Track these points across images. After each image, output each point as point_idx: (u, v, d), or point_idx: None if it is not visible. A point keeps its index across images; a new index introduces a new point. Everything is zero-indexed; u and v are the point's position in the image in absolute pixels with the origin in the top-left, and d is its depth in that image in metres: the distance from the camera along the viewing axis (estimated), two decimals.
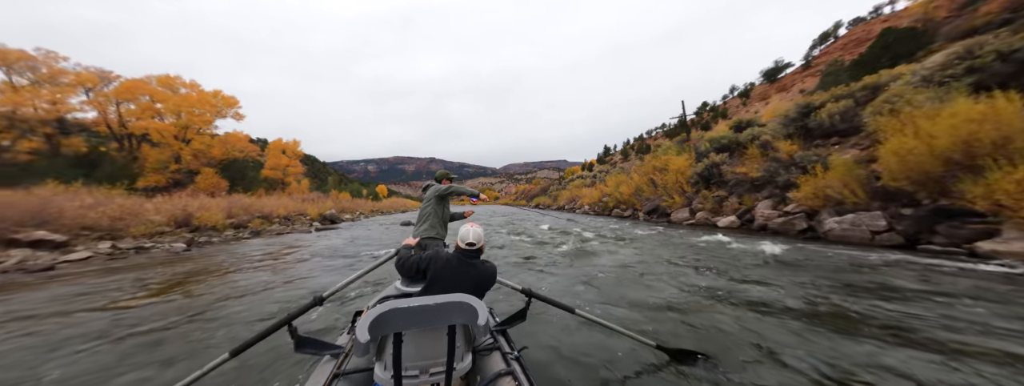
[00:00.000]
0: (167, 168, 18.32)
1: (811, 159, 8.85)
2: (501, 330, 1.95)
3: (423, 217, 3.40)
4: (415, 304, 1.33)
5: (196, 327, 3.32)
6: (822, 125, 9.81)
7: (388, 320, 1.29)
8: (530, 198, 71.18)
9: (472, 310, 1.35)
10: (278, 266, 6.51)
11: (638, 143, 56.96)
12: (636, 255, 6.58)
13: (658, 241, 8.38)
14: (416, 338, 1.43)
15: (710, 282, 4.39)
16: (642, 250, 7.18)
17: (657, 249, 7.14)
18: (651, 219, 15.20)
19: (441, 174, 3.69)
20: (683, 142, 18.25)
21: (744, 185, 11.17)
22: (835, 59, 22.01)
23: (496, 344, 1.73)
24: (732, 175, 11.76)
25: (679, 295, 3.91)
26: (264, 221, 13.69)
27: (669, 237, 8.78)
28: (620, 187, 19.52)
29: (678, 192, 13.90)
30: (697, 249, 6.97)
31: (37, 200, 8.17)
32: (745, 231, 9.63)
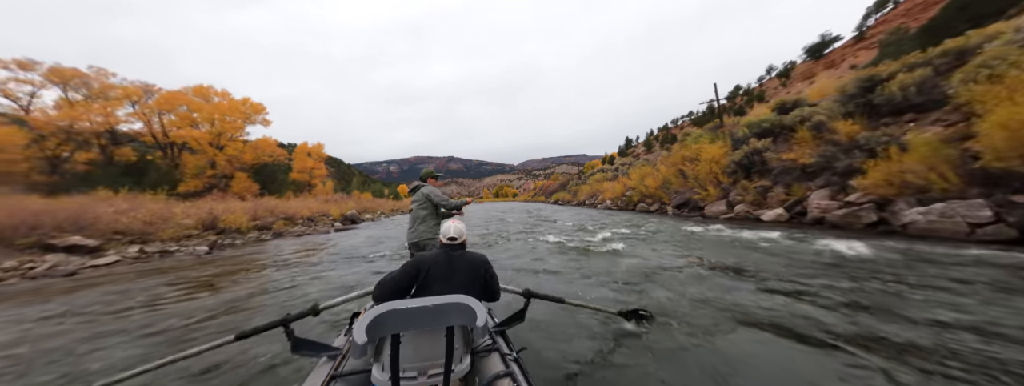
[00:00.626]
0: (203, 173, 19.35)
1: (880, 140, 7.53)
2: (500, 331, 1.92)
3: (420, 218, 3.34)
4: (413, 305, 1.32)
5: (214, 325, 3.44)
6: (892, 100, 8.36)
7: (386, 321, 1.28)
8: (549, 194, 70.07)
9: (471, 311, 1.34)
10: (290, 270, 6.29)
11: (663, 133, 53.62)
12: (681, 257, 5.67)
13: (700, 240, 7.39)
14: (414, 339, 1.41)
15: (827, 304, 3.13)
16: (685, 249, 6.29)
17: (706, 250, 6.11)
18: (681, 213, 14.03)
19: (426, 173, 3.60)
20: (716, 129, 16.73)
21: (792, 173, 9.87)
22: (897, 27, 19.12)
23: (495, 345, 1.70)
24: (777, 163, 10.46)
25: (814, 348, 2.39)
26: (287, 222, 13.94)
27: (715, 235, 7.76)
28: (645, 180, 18.32)
29: (712, 183, 12.67)
30: (754, 249, 5.87)
31: (75, 206, 8.55)
32: (796, 225, 8.44)
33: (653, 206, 17.19)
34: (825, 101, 10.27)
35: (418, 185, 3.48)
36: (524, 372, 1.53)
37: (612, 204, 23.10)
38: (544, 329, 2.85)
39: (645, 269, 4.89)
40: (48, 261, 6.60)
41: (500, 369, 1.52)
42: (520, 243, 8.40)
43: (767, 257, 5.17)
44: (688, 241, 7.27)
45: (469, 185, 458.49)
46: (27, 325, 3.70)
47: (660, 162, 19.19)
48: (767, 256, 5.24)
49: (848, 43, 29.12)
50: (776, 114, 12.49)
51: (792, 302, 3.26)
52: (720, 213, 11.63)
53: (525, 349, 1.82)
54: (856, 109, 9.29)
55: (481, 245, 8.46)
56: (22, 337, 3.34)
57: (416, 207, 3.37)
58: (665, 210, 15.71)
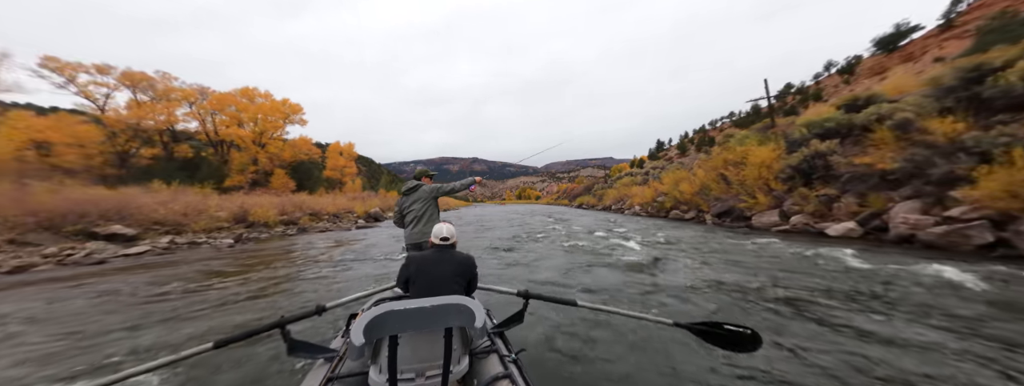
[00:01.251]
0: (247, 170, 20.73)
1: (998, 141, 6.02)
2: (499, 332, 1.91)
3: (422, 218, 3.22)
4: (411, 306, 1.31)
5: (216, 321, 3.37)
6: (1010, 92, 6.72)
7: (384, 322, 1.28)
8: (572, 197, 68.33)
9: (469, 312, 1.34)
10: (309, 268, 6.06)
11: (699, 135, 49.75)
12: (748, 276, 4.71)
13: (759, 256, 6.24)
14: (412, 341, 1.40)
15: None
16: (746, 268, 5.23)
17: (774, 271, 4.94)
18: (723, 223, 12.60)
19: (421, 172, 3.50)
20: (766, 129, 15.00)
21: (867, 181, 8.35)
22: (1002, 10, 15.80)
23: (494, 346, 1.69)
24: (847, 168, 8.94)
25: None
26: (313, 218, 14.22)
27: (775, 251, 6.53)
28: (680, 185, 16.86)
29: (762, 190, 11.21)
30: (843, 273, 4.58)
31: (121, 196, 9.05)
32: (874, 243, 7.03)
33: (688, 214, 15.74)
34: (911, 96, 8.62)
35: (416, 184, 3.35)
36: (523, 373, 1.51)
37: (641, 210, 21.65)
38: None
39: (708, 291, 4.03)
40: (86, 248, 6.90)
41: (499, 370, 1.49)
42: (544, 244, 7.71)
43: (871, 286, 4.01)
44: (744, 256, 6.20)
45: (492, 186, 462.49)
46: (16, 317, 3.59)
47: (697, 166, 17.64)
48: (868, 284, 4.11)
49: (931, 33, 25.19)
50: (843, 112, 10.81)
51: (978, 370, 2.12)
52: (771, 224, 10.20)
53: (524, 350, 1.77)
54: (957, 104, 7.65)
55: (502, 251, 7.87)
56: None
57: (418, 206, 3.25)
58: (703, 218, 14.26)
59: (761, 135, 14.05)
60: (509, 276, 5.41)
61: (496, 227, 15.11)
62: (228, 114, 22.26)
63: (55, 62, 16.86)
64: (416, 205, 3.22)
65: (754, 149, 12.63)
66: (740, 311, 3.39)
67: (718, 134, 47.10)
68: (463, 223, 17.56)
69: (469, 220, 20.56)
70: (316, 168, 26.83)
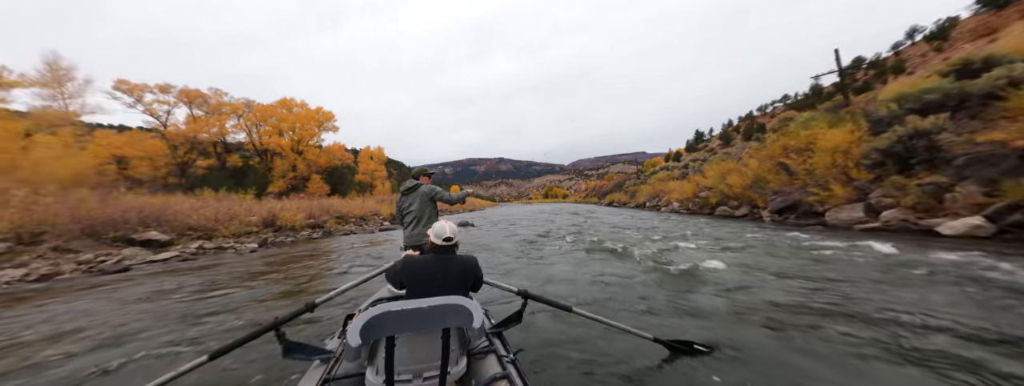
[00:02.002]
0: (287, 176, 22.00)
1: None
2: (497, 332, 1.90)
3: (421, 219, 3.14)
4: (409, 307, 1.31)
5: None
6: None
7: (381, 323, 1.27)
8: (602, 195, 65.68)
9: (467, 312, 1.33)
10: (318, 270, 5.75)
11: (746, 123, 44.67)
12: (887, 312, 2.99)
13: (866, 269, 4.65)
14: (409, 341, 1.40)
15: None
16: (880, 292, 3.45)
17: (915, 295, 3.28)
18: (785, 220, 10.81)
19: (419, 171, 3.39)
20: (837, 109, 12.73)
21: (997, 164, 6.46)
22: None
23: (492, 347, 1.69)
24: (966, 148, 7.03)
25: None
26: (340, 221, 14.40)
27: (884, 259, 4.92)
28: (728, 177, 14.98)
29: (838, 180, 9.37)
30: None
31: (159, 203, 9.54)
32: (1015, 243, 5.31)
33: (739, 210, 13.88)
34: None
35: (415, 184, 3.25)
36: (521, 374, 1.51)
37: (680, 207, 19.75)
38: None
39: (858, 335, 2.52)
40: (120, 255, 7.19)
41: (497, 371, 1.49)
42: (571, 252, 6.82)
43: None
44: (842, 266, 4.77)
45: (518, 186, 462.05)
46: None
47: (748, 155, 15.61)
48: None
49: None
50: (953, 79, 8.68)
51: None
52: (853, 221, 8.42)
53: (523, 350, 1.79)
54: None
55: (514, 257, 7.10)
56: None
57: (417, 207, 3.15)
58: (758, 215, 12.43)
59: (831, 116, 11.93)
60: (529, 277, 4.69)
61: (519, 225, 14.36)
62: (270, 124, 23.83)
63: (126, 84, 18.92)
64: (414, 205, 3.16)
65: (824, 132, 10.68)
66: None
67: (769, 120, 42.09)
68: (488, 223, 17.04)
69: (495, 219, 20.04)
70: (349, 173, 28.03)
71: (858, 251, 5.58)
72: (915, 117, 8.00)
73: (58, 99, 15.60)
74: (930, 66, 24.62)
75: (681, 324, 2.94)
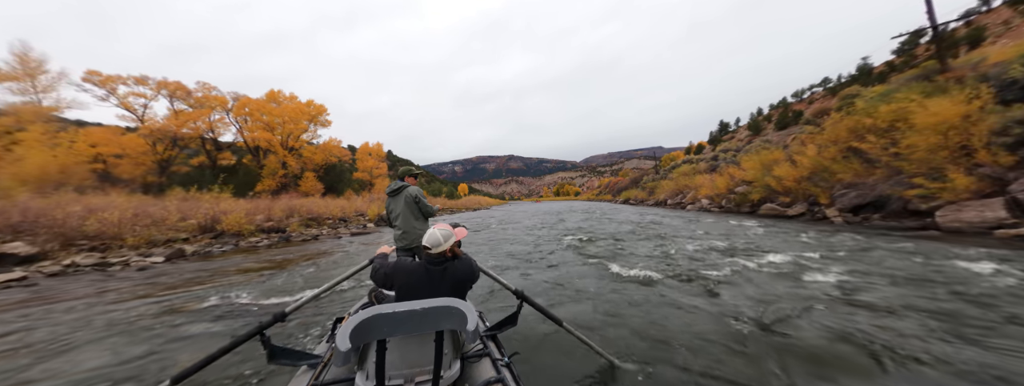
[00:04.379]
0: (276, 174, 20.45)
1: None
2: (491, 335, 1.85)
3: (406, 222, 3.02)
4: (401, 309, 1.26)
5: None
6: None
7: (371, 327, 1.22)
8: (616, 192, 62.57)
9: (461, 315, 1.29)
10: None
11: (779, 111, 40.08)
12: None
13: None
14: (401, 345, 1.35)
15: None
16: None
17: None
18: (865, 221, 8.28)
19: (404, 171, 3.24)
20: (927, 77, 9.91)
21: None
22: None
23: (486, 350, 1.62)
24: None
25: None
26: (312, 223, 12.58)
27: None
28: (774, 169, 12.39)
29: (955, 167, 6.79)
30: None
31: (46, 205, 6.97)
32: None
33: (792, 207, 11.30)
34: None
35: (400, 186, 3.08)
36: (516, 378, 1.48)
37: (711, 204, 17.15)
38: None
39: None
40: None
41: (491, 375, 1.45)
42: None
43: None
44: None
45: (529, 184, 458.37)
46: None
47: (800, 142, 12.91)
48: None
49: None
50: None
51: None
52: (987, 224, 5.90)
53: (517, 354, 1.74)
54: None
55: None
56: None
57: (402, 209, 3.03)
58: (822, 214, 9.87)
59: (924, 85, 9.18)
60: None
61: (512, 227, 12.30)
62: (257, 118, 21.78)
63: (98, 75, 17.79)
64: (400, 208, 3.03)
65: (920, 104, 8.02)
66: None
67: (807, 107, 37.64)
68: (471, 228, 15.04)
69: (486, 222, 17.98)
70: (347, 170, 26.52)
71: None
72: None
73: (30, 93, 14.66)
74: (1019, 33, 20.35)
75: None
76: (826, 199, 10.02)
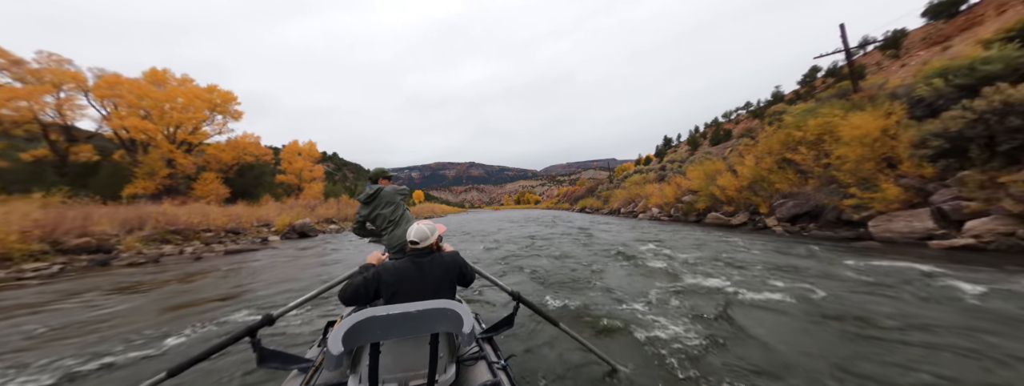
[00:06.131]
0: (157, 174, 15.96)
1: None
2: (487, 337, 1.80)
3: (397, 222, 2.89)
4: (395, 311, 1.24)
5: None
6: None
7: (365, 329, 1.20)
8: (574, 201, 63.92)
9: (457, 317, 1.26)
10: None
11: (712, 129, 45.23)
12: None
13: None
14: (395, 348, 1.32)
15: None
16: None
17: None
18: (803, 231, 8.30)
19: (378, 172, 3.09)
20: (842, 96, 10.75)
21: None
22: None
23: (482, 353, 1.60)
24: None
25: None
26: (175, 238, 9.43)
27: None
28: (718, 179, 12.61)
29: (885, 176, 6.91)
30: None
31: None
32: None
33: (735, 217, 11.42)
34: None
35: (377, 189, 2.92)
36: (512, 381, 1.45)
37: (660, 213, 17.34)
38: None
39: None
40: None
41: (487, 378, 1.43)
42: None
43: None
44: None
45: (490, 192, 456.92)
46: None
47: (742, 152, 13.36)
48: None
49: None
50: (1016, 46, 6.59)
51: None
52: (918, 234, 5.89)
53: (514, 356, 1.81)
54: None
55: None
56: None
57: (388, 211, 2.92)
58: (763, 223, 9.94)
59: (843, 103, 9.81)
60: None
61: (464, 239, 10.86)
62: (131, 103, 16.59)
63: None
64: (385, 210, 2.92)
65: (844, 119, 8.38)
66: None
67: (734, 126, 42.51)
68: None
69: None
70: (267, 172, 22.57)
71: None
72: (1001, 85, 5.65)
73: None
74: (889, 71, 25.06)
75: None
76: (766, 208, 10.15)
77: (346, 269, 6.87)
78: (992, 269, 4.08)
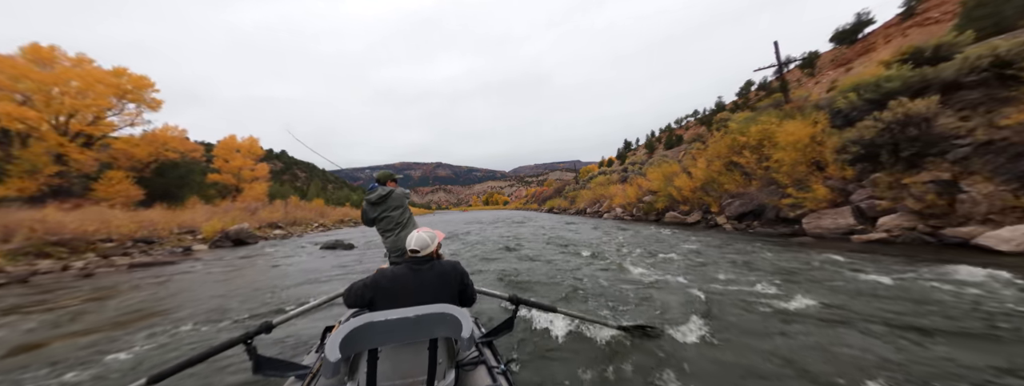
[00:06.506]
0: (40, 171, 12.95)
1: None
2: (487, 342, 1.78)
3: (404, 225, 3.04)
4: (393, 317, 1.24)
5: None
6: None
7: (363, 335, 1.20)
8: (541, 201, 65.00)
9: (456, 322, 1.26)
10: None
11: (666, 134, 48.87)
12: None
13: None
14: (393, 354, 1.33)
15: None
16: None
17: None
18: (748, 228, 9.05)
19: (386, 175, 3.15)
20: (777, 106, 12.02)
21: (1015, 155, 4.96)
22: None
23: (482, 357, 1.57)
24: (996, 131, 5.54)
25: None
26: (60, 252, 7.62)
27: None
28: (675, 180, 13.40)
29: (816, 178, 7.73)
30: None
31: None
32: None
33: (691, 216, 12.20)
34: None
35: (388, 191, 3.01)
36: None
37: (624, 212, 18.11)
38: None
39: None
40: None
41: (487, 383, 1.41)
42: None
43: None
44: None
45: (458, 192, 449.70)
46: None
47: (694, 155, 14.32)
48: None
49: (892, 21, 25.46)
50: (910, 67, 7.73)
51: None
52: (843, 230, 6.64)
53: (514, 360, 1.84)
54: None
55: None
56: None
57: (396, 213, 3.03)
58: (714, 222, 10.71)
59: (777, 112, 10.91)
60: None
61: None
62: (2, 84, 13.23)
63: None
64: (394, 212, 3.03)
65: (780, 126, 9.30)
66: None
67: (685, 132, 46.30)
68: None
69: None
70: (196, 171, 19.75)
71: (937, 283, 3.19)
72: (903, 100, 6.58)
73: None
74: (807, 87, 28.85)
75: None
76: (717, 208, 10.95)
77: (294, 277, 6.16)
78: (894, 259, 4.66)
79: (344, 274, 6.31)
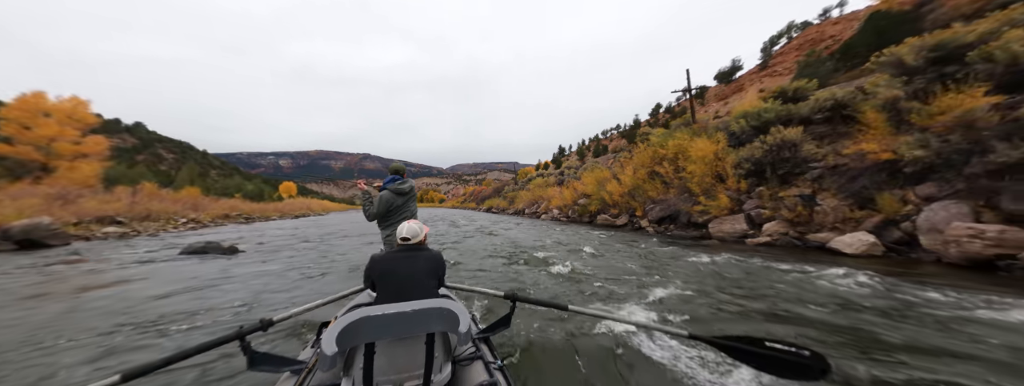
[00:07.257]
0: None
1: None
2: (484, 337, 1.79)
3: (412, 214, 3.28)
4: (390, 311, 1.23)
5: None
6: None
7: (359, 330, 1.19)
8: (480, 200, 64.53)
9: (453, 317, 1.27)
10: None
11: (594, 144, 53.83)
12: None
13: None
14: (390, 349, 1.30)
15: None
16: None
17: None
18: (667, 231, 10.10)
19: (400, 167, 3.33)
20: (687, 125, 13.84)
21: (865, 176, 6.46)
22: (811, 50, 20.69)
23: (478, 353, 1.57)
24: (839, 159, 7.03)
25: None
26: None
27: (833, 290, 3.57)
28: (607, 185, 14.37)
29: (720, 189, 8.94)
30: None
31: None
32: (906, 264, 4.82)
33: (619, 219, 13.20)
34: (877, 79, 7.31)
35: (411, 184, 3.29)
36: (508, 382, 1.44)
37: (560, 214, 18.84)
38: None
39: None
40: None
41: (483, 379, 1.40)
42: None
43: None
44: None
45: None
46: None
47: (622, 163, 15.56)
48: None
49: (753, 70, 32.55)
50: (780, 103, 9.57)
51: None
52: (738, 234, 7.80)
53: (511, 356, 1.83)
54: (929, 85, 6.33)
55: None
56: None
57: (412, 204, 3.31)
58: (638, 225, 11.74)
59: (688, 130, 12.53)
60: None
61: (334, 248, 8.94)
62: None
63: None
64: (412, 203, 3.27)
65: (693, 142, 10.64)
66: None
67: (609, 143, 51.66)
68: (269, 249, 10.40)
69: (304, 235, 12.99)
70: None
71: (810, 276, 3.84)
72: (779, 127, 8.03)
73: None
74: (700, 114, 35.06)
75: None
76: (641, 212, 12.03)
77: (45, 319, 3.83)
78: (765, 257, 5.56)
79: (198, 306, 3.73)
